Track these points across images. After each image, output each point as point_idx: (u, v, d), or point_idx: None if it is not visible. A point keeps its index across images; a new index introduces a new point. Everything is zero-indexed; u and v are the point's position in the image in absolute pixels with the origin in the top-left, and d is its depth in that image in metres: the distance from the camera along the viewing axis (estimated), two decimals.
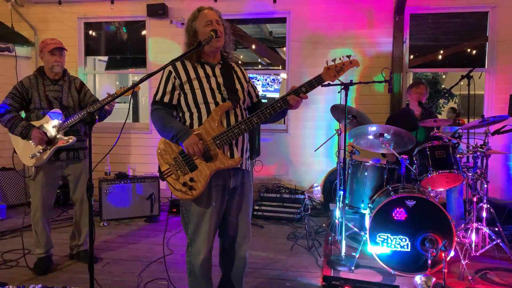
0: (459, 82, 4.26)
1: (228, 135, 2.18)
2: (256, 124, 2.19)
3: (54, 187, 3.46)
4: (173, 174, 2.23)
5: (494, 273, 3.30)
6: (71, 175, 3.45)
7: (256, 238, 4.20)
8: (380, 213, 3.28)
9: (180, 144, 2.17)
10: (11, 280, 3.11)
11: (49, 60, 3.33)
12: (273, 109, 2.17)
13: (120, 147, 5.90)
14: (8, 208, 5.09)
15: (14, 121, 3.22)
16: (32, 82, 3.34)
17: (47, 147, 3.25)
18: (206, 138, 2.19)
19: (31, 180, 3.34)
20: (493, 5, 5.14)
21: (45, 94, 3.33)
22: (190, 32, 2.30)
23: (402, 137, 3.66)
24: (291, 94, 2.16)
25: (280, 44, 7.74)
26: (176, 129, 2.18)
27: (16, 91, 3.30)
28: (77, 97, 3.47)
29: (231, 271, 2.45)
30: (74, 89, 3.48)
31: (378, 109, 5.30)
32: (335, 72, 2.18)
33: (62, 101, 3.37)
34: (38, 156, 3.25)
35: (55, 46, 3.33)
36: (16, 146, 3.33)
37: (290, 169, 5.67)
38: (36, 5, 6.09)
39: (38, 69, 3.42)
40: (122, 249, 3.91)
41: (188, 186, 2.20)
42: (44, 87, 3.34)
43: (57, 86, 3.38)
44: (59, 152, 3.33)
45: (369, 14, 5.38)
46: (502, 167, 5.17)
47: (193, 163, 2.20)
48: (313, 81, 2.17)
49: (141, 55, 6.12)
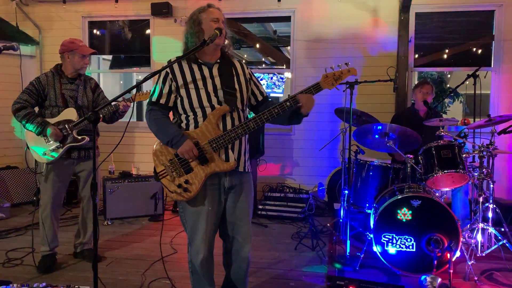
0: (465, 81, 4.22)
1: (225, 139, 2.18)
2: (253, 128, 2.20)
3: (65, 184, 3.47)
4: (168, 176, 2.24)
5: (500, 273, 3.27)
6: (82, 171, 3.47)
7: (260, 237, 4.19)
8: (385, 213, 3.26)
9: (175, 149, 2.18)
10: (15, 278, 3.11)
11: (79, 62, 3.35)
12: (271, 114, 2.18)
13: (124, 146, 5.89)
14: (13, 206, 5.10)
15: (30, 117, 3.23)
16: (49, 79, 3.35)
17: (60, 145, 3.27)
18: (202, 141, 2.19)
19: (42, 177, 3.35)
20: (500, 3, 5.10)
21: (61, 93, 3.34)
22: (196, 21, 2.28)
23: (407, 137, 3.63)
24: (289, 100, 2.18)
25: (284, 43, 7.74)
26: (171, 135, 2.19)
27: (32, 87, 3.31)
28: (92, 97, 3.49)
29: (234, 272, 2.44)
30: (89, 89, 3.50)
31: (383, 108, 5.27)
32: (333, 80, 2.21)
33: (77, 100, 3.39)
34: (50, 154, 3.27)
35: (92, 51, 3.42)
36: (29, 142, 3.34)
37: (294, 168, 5.66)
38: (40, 4, 6.10)
39: (55, 66, 3.43)
40: (126, 248, 3.91)
41: (183, 188, 2.21)
42: (60, 85, 3.36)
43: (74, 85, 3.40)
44: (71, 150, 3.34)
45: (374, 12, 5.36)
46: (508, 167, 5.13)
47: (188, 166, 2.21)
48: (312, 89, 2.21)
49: (145, 54, 6.12)
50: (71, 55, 3.34)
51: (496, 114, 4.33)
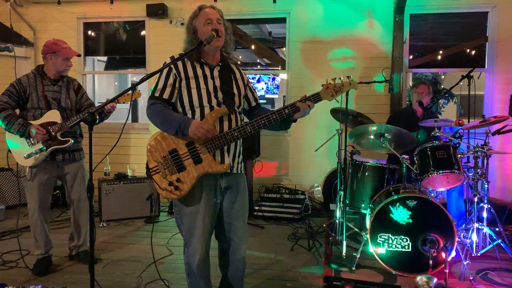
0: (459, 82, 4.25)
1: (220, 141, 2.18)
2: (249, 133, 2.20)
3: (50, 187, 3.41)
4: (160, 172, 2.22)
5: (495, 273, 3.29)
6: (67, 174, 3.42)
7: (256, 238, 4.19)
8: (381, 213, 3.27)
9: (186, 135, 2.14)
10: (10, 281, 3.09)
11: (62, 65, 3.30)
12: (268, 120, 2.19)
13: (120, 148, 5.88)
14: (7, 208, 5.07)
15: (11, 119, 3.17)
16: (31, 80, 3.29)
17: (43, 148, 3.22)
18: (197, 141, 2.18)
19: (26, 181, 3.29)
20: (493, 5, 5.14)
21: (43, 94, 3.28)
22: (190, 30, 2.27)
23: (403, 137, 3.65)
24: (288, 108, 2.19)
25: (280, 44, 7.74)
26: (178, 121, 2.15)
27: (13, 89, 3.24)
28: (75, 99, 3.43)
29: (231, 273, 2.43)
30: (73, 90, 3.44)
31: (378, 109, 5.29)
32: (333, 92, 2.21)
33: (60, 102, 3.33)
34: (33, 156, 3.22)
35: (76, 54, 3.35)
36: (10, 145, 3.29)
37: (290, 169, 5.67)
38: (35, 5, 6.07)
39: (37, 68, 3.37)
40: (122, 249, 3.90)
41: (174, 186, 2.20)
42: (43, 86, 3.29)
43: (56, 86, 3.34)
44: (55, 153, 3.29)
45: (369, 14, 5.38)
46: (503, 167, 5.17)
47: (181, 164, 2.20)
48: (311, 98, 2.20)
49: (141, 55, 6.11)
50: (54, 57, 3.28)
51: (490, 115, 4.36)
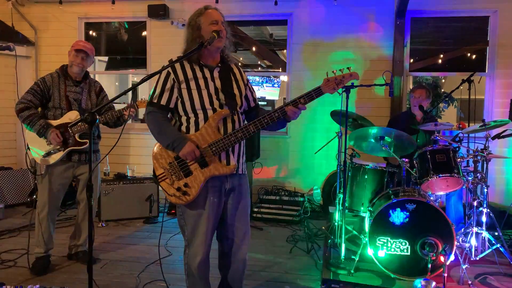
0: (460, 86, 4.26)
1: (225, 143, 2.18)
2: (253, 133, 2.19)
3: (64, 187, 3.44)
4: (167, 179, 2.23)
5: (493, 277, 3.29)
6: (82, 174, 3.44)
7: (255, 240, 4.18)
8: (380, 216, 3.27)
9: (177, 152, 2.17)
10: (8, 280, 3.09)
11: (74, 57, 3.31)
12: (271, 118, 2.18)
13: (120, 148, 5.88)
14: (6, 207, 5.06)
15: (33, 118, 3.21)
16: (54, 80, 3.32)
17: (61, 148, 3.26)
18: (202, 144, 2.18)
19: (41, 178, 3.32)
20: (494, 10, 5.14)
21: (65, 95, 3.31)
22: (194, 26, 2.26)
23: (402, 141, 3.65)
24: (289, 105, 2.17)
25: (280, 46, 7.76)
26: (172, 138, 2.17)
27: (37, 88, 3.27)
28: (96, 101, 3.47)
29: (231, 274, 2.44)
30: (94, 92, 3.48)
31: (379, 113, 5.29)
32: (335, 85, 2.18)
33: (81, 103, 3.36)
34: (51, 155, 3.26)
35: (81, 47, 3.32)
36: (30, 143, 3.32)
37: (289, 171, 5.66)
38: (36, 4, 6.08)
39: (61, 67, 3.40)
40: (120, 250, 3.89)
41: (182, 191, 2.20)
42: (65, 87, 3.33)
43: (78, 88, 3.37)
44: (71, 154, 3.32)
45: (370, 17, 5.38)
46: (502, 171, 5.17)
47: (188, 169, 2.20)
48: (312, 93, 2.17)
49: (141, 56, 6.11)
50: (70, 52, 3.34)
51: (490, 119, 4.37)
